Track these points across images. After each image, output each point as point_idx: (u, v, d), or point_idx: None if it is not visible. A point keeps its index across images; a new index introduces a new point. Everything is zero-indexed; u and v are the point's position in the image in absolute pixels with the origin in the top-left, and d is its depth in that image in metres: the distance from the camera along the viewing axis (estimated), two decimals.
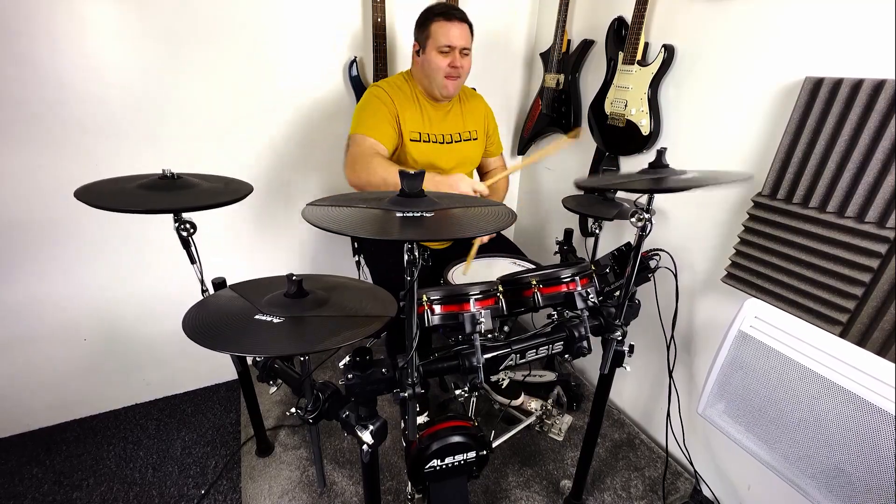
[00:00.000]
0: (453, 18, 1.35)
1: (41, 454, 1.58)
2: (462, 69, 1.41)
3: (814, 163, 1.03)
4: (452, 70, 1.39)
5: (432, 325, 0.95)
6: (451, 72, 1.39)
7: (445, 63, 1.37)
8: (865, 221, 0.96)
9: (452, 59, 1.37)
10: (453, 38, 1.35)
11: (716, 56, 1.26)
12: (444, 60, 1.37)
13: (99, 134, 1.42)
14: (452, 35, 1.35)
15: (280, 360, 1.06)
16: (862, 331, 0.99)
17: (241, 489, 1.45)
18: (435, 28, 1.36)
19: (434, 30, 1.36)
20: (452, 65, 1.38)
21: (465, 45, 1.39)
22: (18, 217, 1.42)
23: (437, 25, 1.35)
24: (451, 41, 1.35)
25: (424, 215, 0.73)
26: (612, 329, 1.08)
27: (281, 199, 1.78)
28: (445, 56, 1.37)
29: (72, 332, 1.62)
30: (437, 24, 1.35)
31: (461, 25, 1.36)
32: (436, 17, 1.36)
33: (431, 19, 1.36)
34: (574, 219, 1.76)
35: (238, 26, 1.49)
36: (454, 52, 1.37)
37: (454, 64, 1.38)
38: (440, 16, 1.35)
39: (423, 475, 0.98)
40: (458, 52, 1.38)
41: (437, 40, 1.36)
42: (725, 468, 1.41)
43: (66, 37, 1.30)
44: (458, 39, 1.36)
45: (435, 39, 1.36)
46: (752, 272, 1.18)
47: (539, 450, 1.59)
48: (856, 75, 0.96)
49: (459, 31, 1.36)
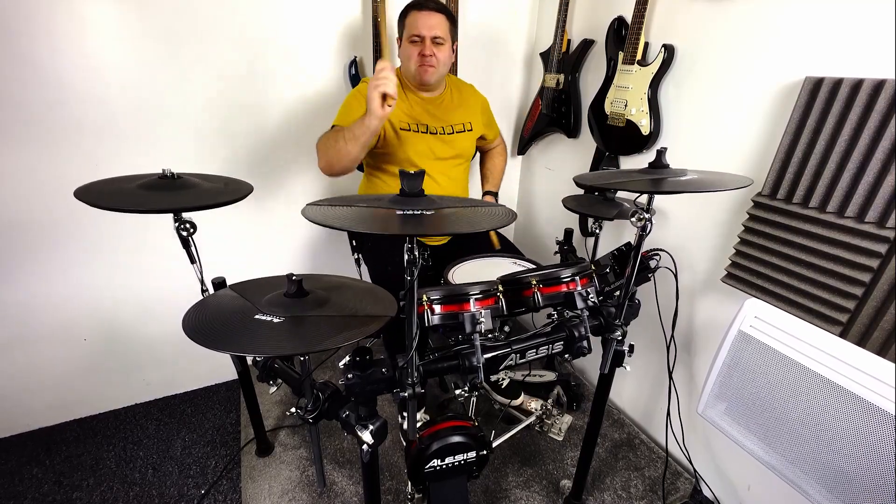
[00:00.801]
0: (424, 8, 1.37)
1: (41, 454, 1.58)
2: (435, 58, 1.41)
3: (814, 163, 1.03)
4: (422, 59, 1.40)
5: (432, 325, 0.95)
6: (421, 60, 1.40)
7: (416, 52, 1.40)
8: (865, 221, 0.96)
9: (422, 48, 1.39)
10: (422, 28, 1.37)
11: (716, 56, 1.26)
12: (414, 49, 1.40)
13: (99, 134, 1.42)
14: (421, 24, 1.37)
15: (280, 360, 1.06)
16: (862, 331, 0.98)
17: (241, 489, 1.45)
18: (409, 19, 1.40)
19: (408, 20, 1.40)
20: (422, 53, 1.39)
21: (437, 35, 1.39)
22: (18, 217, 1.42)
23: (411, 16, 1.39)
24: (419, 30, 1.37)
25: (424, 213, 0.73)
26: (612, 329, 1.08)
27: (281, 199, 1.78)
28: (416, 45, 1.39)
29: (72, 332, 1.62)
30: (410, 14, 1.39)
31: (434, 15, 1.38)
32: (411, 9, 1.39)
33: (407, 11, 1.40)
34: (574, 219, 1.76)
35: (238, 26, 1.49)
36: (425, 41, 1.38)
37: (423, 52, 1.39)
38: (414, 6, 1.39)
39: (423, 475, 0.98)
40: (430, 41, 1.39)
41: (409, 30, 1.39)
42: (725, 468, 1.41)
43: (66, 37, 1.30)
44: (427, 29, 1.37)
45: (408, 29, 1.40)
46: (752, 272, 1.18)
47: (539, 450, 1.59)
48: (856, 75, 0.95)
49: (431, 20, 1.37)
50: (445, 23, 1.40)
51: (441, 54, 1.42)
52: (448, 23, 1.41)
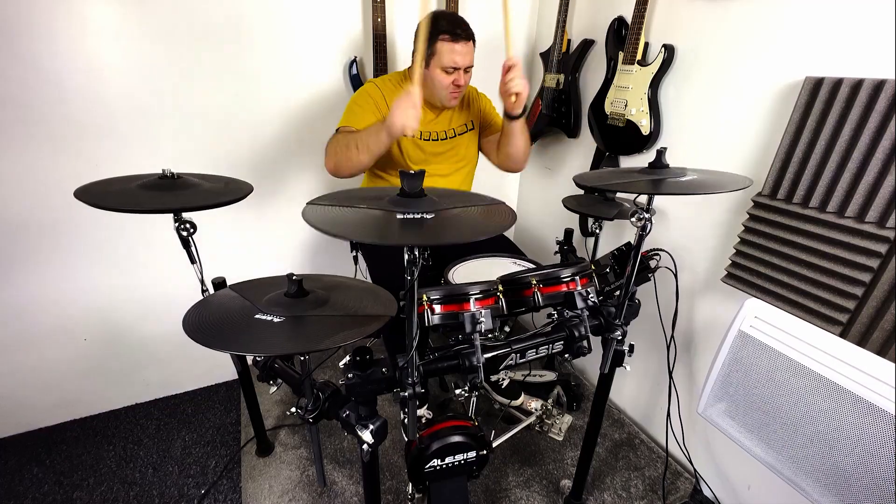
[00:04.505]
0: (459, 39, 1.34)
1: (41, 454, 1.58)
2: (465, 85, 1.43)
3: (814, 163, 1.03)
4: (456, 88, 1.41)
5: (432, 325, 0.95)
6: (455, 90, 1.41)
7: (449, 81, 1.39)
8: (865, 221, 0.96)
9: (456, 78, 1.39)
10: (458, 60, 1.35)
11: (716, 56, 1.26)
12: (447, 79, 1.38)
13: (99, 134, 1.42)
14: (457, 56, 1.35)
15: (280, 360, 1.06)
16: (862, 331, 0.98)
17: (241, 489, 1.45)
18: (440, 47, 1.34)
19: (439, 48, 1.35)
20: (456, 83, 1.39)
21: (469, 64, 1.40)
22: (18, 217, 1.41)
23: (443, 45, 1.34)
24: (455, 62, 1.35)
25: (425, 217, 0.73)
26: (612, 329, 1.08)
27: (281, 199, 1.78)
28: (450, 75, 1.38)
29: (72, 333, 1.62)
30: (442, 43, 1.34)
31: (466, 44, 1.36)
32: (442, 36, 1.33)
33: (437, 37, 1.33)
34: (574, 219, 1.76)
35: (238, 26, 1.49)
36: (459, 71, 1.38)
37: (458, 82, 1.39)
38: (446, 34, 1.33)
39: (423, 475, 0.98)
40: (463, 71, 1.39)
41: (442, 60, 1.35)
42: (725, 468, 1.41)
43: (67, 37, 1.30)
44: (462, 60, 1.36)
45: (439, 58, 1.36)
46: (752, 272, 1.18)
47: (539, 449, 1.59)
48: (856, 75, 0.95)
49: (464, 49, 1.36)
50: (473, 48, 1.39)
51: (468, 78, 1.43)
52: (474, 46, 1.40)
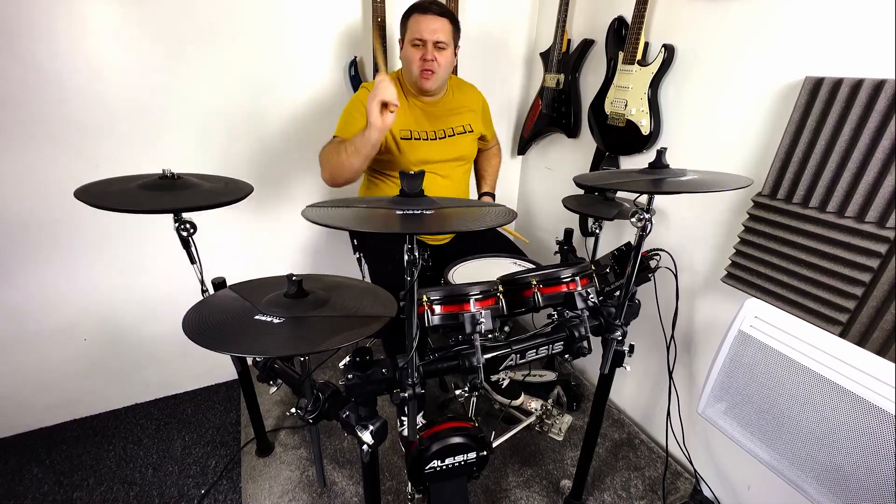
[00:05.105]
0: (428, 12, 1.36)
1: (41, 454, 1.58)
2: (436, 63, 1.39)
3: (814, 163, 1.03)
4: (424, 63, 1.38)
5: (432, 325, 0.95)
6: (423, 65, 1.38)
7: (418, 56, 1.38)
8: (865, 221, 0.96)
9: (424, 53, 1.37)
10: (424, 32, 1.35)
11: (716, 56, 1.26)
12: (416, 53, 1.38)
13: (99, 134, 1.42)
14: (423, 28, 1.35)
15: (280, 361, 1.06)
16: (862, 331, 0.98)
17: (241, 489, 1.45)
18: (411, 22, 1.38)
19: (410, 24, 1.38)
20: (424, 58, 1.37)
21: (440, 39, 1.37)
22: (18, 217, 1.41)
23: (413, 19, 1.37)
24: (422, 34, 1.35)
25: (425, 212, 0.73)
26: (612, 329, 1.08)
27: (281, 199, 1.78)
28: (418, 49, 1.38)
29: (72, 332, 1.62)
30: (413, 17, 1.37)
31: (437, 19, 1.36)
32: (413, 11, 1.37)
33: (410, 13, 1.38)
34: (574, 219, 1.76)
35: (238, 26, 1.48)
36: (426, 46, 1.37)
37: (425, 57, 1.37)
38: (417, 9, 1.37)
39: (423, 476, 0.98)
40: (432, 46, 1.37)
41: (411, 33, 1.37)
42: (725, 468, 1.41)
43: (66, 37, 1.30)
44: (430, 33, 1.35)
45: (410, 32, 1.38)
46: (752, 272, 1.18)
47: (539, 450, 1.59)
48: (856, 75, 0.95)
49: (434, 24, 1.35)
50: (448, 27, 1.39)
51: (443, 59, 1.40)
52: (451, 27, 1.40)
